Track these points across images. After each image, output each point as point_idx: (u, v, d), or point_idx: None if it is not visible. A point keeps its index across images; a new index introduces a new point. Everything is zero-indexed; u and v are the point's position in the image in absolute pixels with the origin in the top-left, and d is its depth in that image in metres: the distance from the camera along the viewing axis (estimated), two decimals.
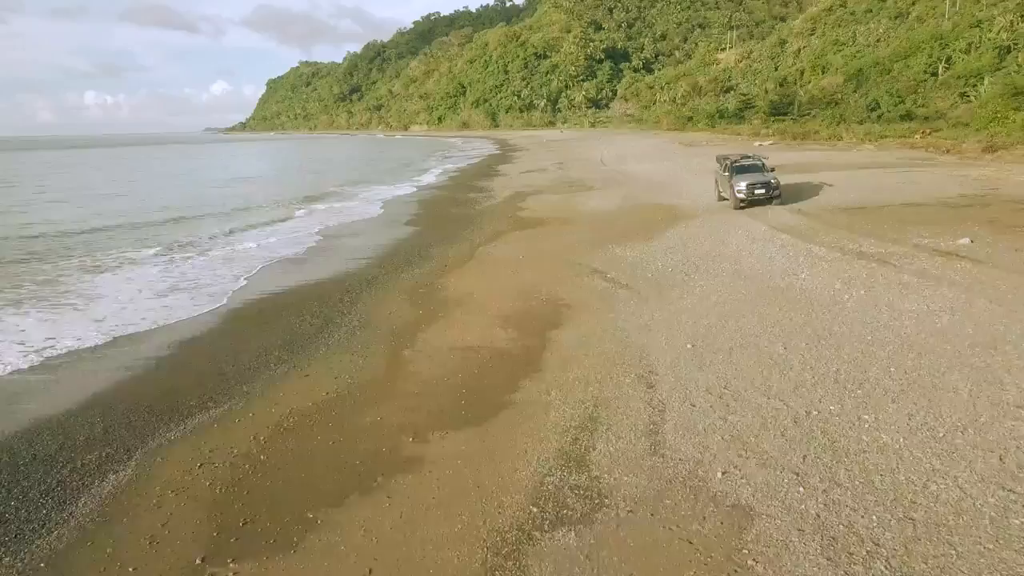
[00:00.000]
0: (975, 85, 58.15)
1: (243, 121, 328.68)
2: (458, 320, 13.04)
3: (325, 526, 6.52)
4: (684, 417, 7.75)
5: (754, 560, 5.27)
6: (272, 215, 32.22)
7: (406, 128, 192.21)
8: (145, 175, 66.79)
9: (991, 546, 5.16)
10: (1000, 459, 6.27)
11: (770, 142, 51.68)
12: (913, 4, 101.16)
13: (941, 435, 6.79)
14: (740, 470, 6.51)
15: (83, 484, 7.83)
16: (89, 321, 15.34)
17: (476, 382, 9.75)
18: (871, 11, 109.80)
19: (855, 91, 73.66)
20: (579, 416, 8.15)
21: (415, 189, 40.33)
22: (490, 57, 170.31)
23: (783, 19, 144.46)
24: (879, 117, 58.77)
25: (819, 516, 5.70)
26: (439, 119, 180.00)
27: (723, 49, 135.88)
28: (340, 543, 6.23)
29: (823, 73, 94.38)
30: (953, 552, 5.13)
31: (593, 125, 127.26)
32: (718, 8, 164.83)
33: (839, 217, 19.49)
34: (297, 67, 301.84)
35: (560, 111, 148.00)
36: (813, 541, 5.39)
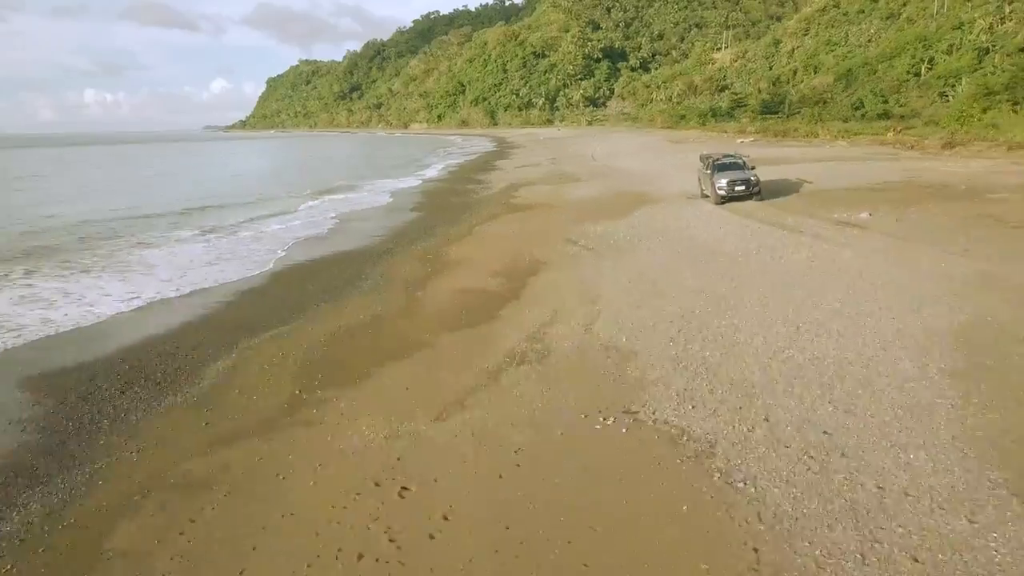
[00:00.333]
0: (953, 85, 61.24)
1: (243, 119, 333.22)
2: (458, 274, 16.96)
3: (374, 375, 10.43)
4: (610, 317, 11.69)
5: (631, 371, 9.19)
6: (289, 204, 35.99)
7: (406, 126, 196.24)
8: (156, 171, 70.54)
9: (769, 361, 9.08)
10: (796, 328, 10.21)
11: (751, 139, 55.53)
12: (904, 5, 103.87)
13: (771, 320, 10.73)
14: (637, 338, 10.45)
15: (204, 363, 11.73)
16: (158, 281, 19.21)
17: (472, 307, 13.66)
18: (863, 11, 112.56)
19: (844, 90, 77.34)
20: (542, 320, 12.08)
21: (419, 182, 44.34)
22: (489, 56, 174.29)
23: (779, 19, 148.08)
24: (863, 116, 62.33)
25: (676, 354, 9.63)
26: (439, 117, 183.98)
27: (719, 49, 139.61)
28: (386, 381, 10.15)
29: (815, 73, 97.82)
30: (743, 365, 9.05)
31: (590, 123, 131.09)
32: (715, 8, 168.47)
33: (780, 199, 23.40)
34: (297, 65, 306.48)
35: (558, 109, 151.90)
36: (667, 362, 9.32)
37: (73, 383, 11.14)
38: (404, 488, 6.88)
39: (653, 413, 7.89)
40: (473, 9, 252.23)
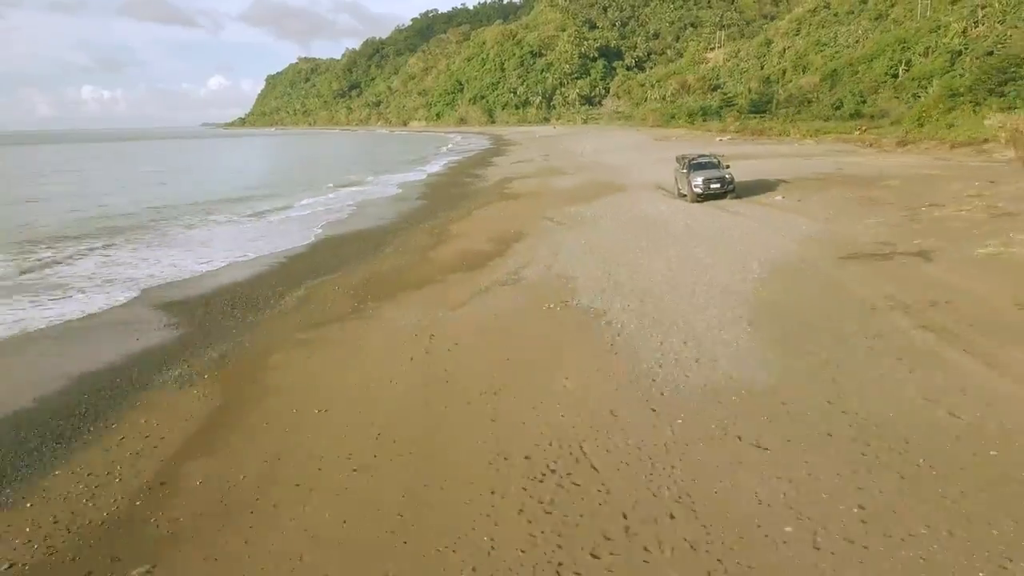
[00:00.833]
0: (925, 87, 65.99)
1: (242, 117, 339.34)
2: (459, 242, 22.54)
3: (406, 295, 15.99)
4: (565, 262, 17.31)
5: (570, 286, 14.79)
6: (308, 196, 41.45)
7: (405, 124, 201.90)
8: (170, 168, 75.99)
9: (656, 278, 14.66)
10: (683, 262, 15.80)
11: (728, 137, 61.03)
12: (892, 6, 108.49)
13: (669, 259, 16.32)
14: (579, 272, 16.06)
15: (284, 294, 17.25)
16: (219, 251, 24.66)
17: (470, 260, 19.23)
18: (853, 12, 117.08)
19: (830, 90, 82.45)
20: (518, 265, 17.69)
21: (423, 176, 50.06)
22: (487, 55, 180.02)
23: (773, 18, 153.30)
24: (842, 116, 67.44)
25: (599, 276, 15.24)
26: (437, 115, 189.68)
27: (712, 48, 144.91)
28: (415, 297, 15.71)
29: (804, 73, 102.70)
30: (639, 280, 14.63)
31: (585, 121, 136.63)
32: (710, 7, 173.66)
33: None
34: (296, 63, 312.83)
35: (555, 108, 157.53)
36: (593, 281, 14.92)
37: (193, 307, 16.68)
38: (432, 335, 12.47)
39: (577, 302, 13.49)
40: (471, 7, 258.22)
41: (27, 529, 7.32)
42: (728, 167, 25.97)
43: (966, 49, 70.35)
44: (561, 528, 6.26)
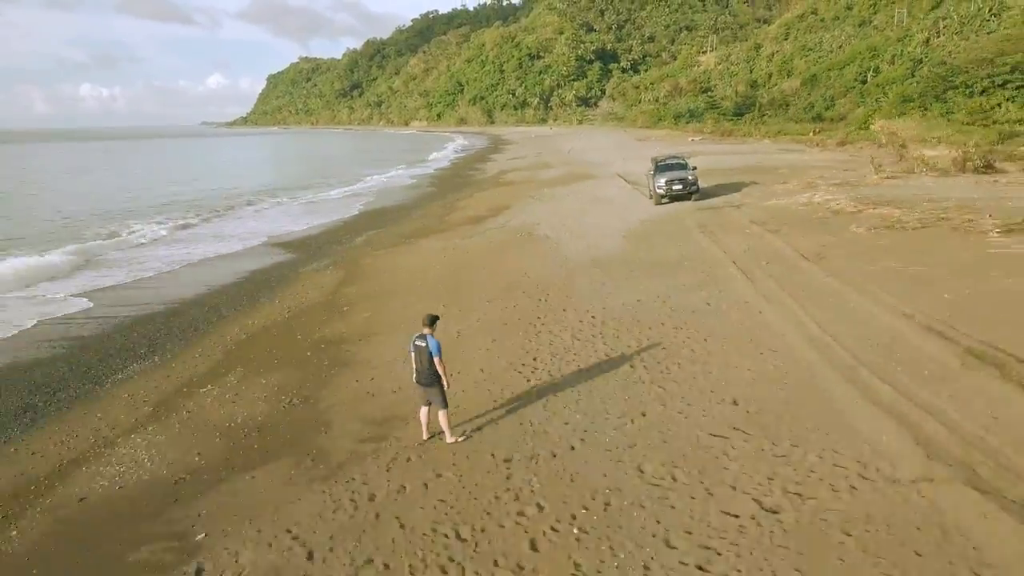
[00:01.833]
0: (887, 93, 75.54)
1: (244, 116, 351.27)
2: (465, 211, 33.01)
3: (430, 236, 26.45)
4: (534, 219, 27.81)
5: (535, 229, 25.24)
6: (337, 185, 51.82)
7: (406, 124, 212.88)
8: (204, 166, 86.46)
9: (589, 224, 25.13)
10: (609, 217, 26.25)
11: (700, 138, 71.35)
12: (875, 13, 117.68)
13: (603, 217, 26.76)
14: (543, 223, 26.57)
15: (351, 238, 27.73)
16: (288, 220, 35.16)
17: (473, 220, 29.67)
18: (838, 18, 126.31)
19: (808, 95, 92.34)
20: (506, 220, 28.20)
21: (432, 169, 60.78)
22: (486, 57, 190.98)
23: (766, 22, 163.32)
24: (806, 119, 77.34)
25: (555, 224, 25.71)
26: (438, 115, 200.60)
27: (704, 52, 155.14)
28: (439, 236, 26.16)
29: (788, 77, 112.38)
30: (579, 226, 25.09)
31: (580, 122, 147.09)
32: (705, 11, 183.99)
33: None
34: (297, 62, 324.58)
35: (552, 109, 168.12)
36: (550, 226, 25.41)
37: (299, 245, 27.10)
38: (453, 248, 22.94)
39: (538, 232, 23.96)
40: (471, 8, 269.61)
41: (282, 305, 17.71)
42: (695, 168, 28.19)
43: (926, 58, 79.45)
44: (510, 291, 16.76)
